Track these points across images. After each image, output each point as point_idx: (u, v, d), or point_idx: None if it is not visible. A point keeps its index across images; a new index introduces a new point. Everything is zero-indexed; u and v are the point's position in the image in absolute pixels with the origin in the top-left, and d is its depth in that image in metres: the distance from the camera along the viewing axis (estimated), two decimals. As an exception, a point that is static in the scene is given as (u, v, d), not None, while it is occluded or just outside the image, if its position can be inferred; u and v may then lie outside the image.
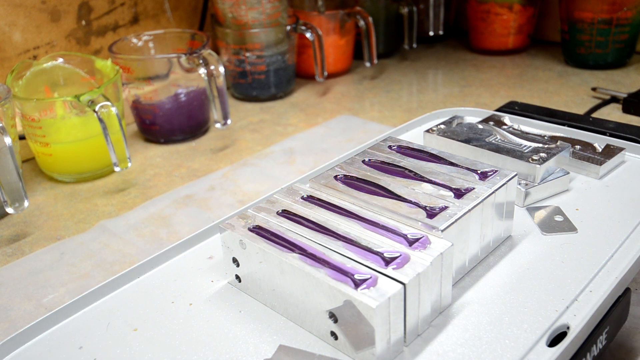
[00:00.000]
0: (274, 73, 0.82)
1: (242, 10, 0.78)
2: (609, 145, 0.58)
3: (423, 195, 0.43)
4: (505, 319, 0.40)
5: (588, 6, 0.85)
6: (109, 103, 0.58)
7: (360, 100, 0.83)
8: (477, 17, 0.98)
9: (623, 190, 0.53)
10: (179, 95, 0.71)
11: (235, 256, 0.43)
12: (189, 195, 0.60)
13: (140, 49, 0.75)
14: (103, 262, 0.50)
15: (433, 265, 0.37)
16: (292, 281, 0.39)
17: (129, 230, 0.55)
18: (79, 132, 0.63)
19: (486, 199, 0.43)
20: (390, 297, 0.34)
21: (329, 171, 0.48)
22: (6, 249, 0.53)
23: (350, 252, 0.38)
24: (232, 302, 0.43)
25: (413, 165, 0.47)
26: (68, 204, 0.60)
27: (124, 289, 0.45)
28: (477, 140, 0.54)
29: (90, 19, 0.81)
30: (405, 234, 0.40)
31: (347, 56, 0.92)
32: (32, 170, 0.67)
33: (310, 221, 0.42)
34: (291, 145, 0.69)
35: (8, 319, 0.44)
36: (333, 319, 0.37)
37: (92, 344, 0.40)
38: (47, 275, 0.49)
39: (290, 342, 0.39)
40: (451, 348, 0.38)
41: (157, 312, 0.43)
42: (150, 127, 0.72)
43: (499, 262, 0.45)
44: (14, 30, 0.74)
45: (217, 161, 0.67)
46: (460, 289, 0.43)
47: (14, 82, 0.63)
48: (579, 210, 0.50)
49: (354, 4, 0.90)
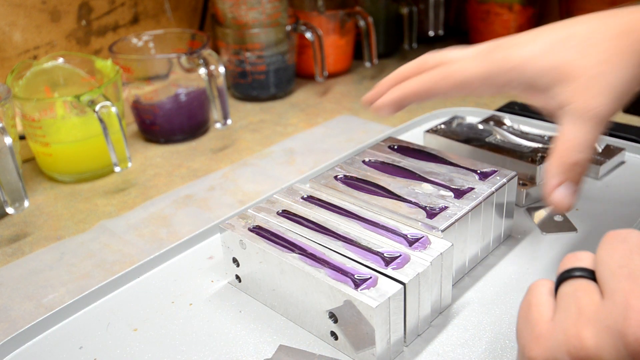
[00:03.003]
0: (274, 73, 0.82)
1: (242, 10, 0.78)
2: (609, 145, 0.58)
3: (423, 195, 0.43)
4: (505, 319, 0.40)
5: (588, 6, 0.85)
6: (109, 103, 0.58)
7: (360, 100, 0.83)
8: (477, 17, 0.98)
9: (623, 190, 0.53)
10: (179, 95, 0.71)
11: (235, 256, 0.43)
12: (189, 195, 0.60)
13: (140, 49, 0.75)
14: (103, 262, 0.50)
15: (433, 265, 0.37)
16: (292, 281, 0.39)
17: (129, 230, 0.55)
18: (79, 132, 0.63)
19: (486, 199, 0.43)
20: (390, 297, 0.34)
21: (329, 171, 0.48)
22: (6, 249, 0.53)
23: (350, 252, 0.38)
24: (232, 302, 0.43)
25: (413, 165, 0.47)
26: (68, 204, 0.60)
27: (124, 289, 0.45)
28: (477, 140, 0.54)
29: (90, 19, 0.81)
30: (405, 234, 0.40)
31: (347, 56, 0.92)
32: (32, 170, 0.67)
33: (310, 221, 0.42)
34: (291, 145, 0.69)
35: (8, 319, 0.44)
36: (333, 319, 0.37)
37: (92, 344, 0.40)
38: (47, 275, 0.49)
39: (290, 342, 0.39)
40: (451, 348, 0.38)
41: (157, 312, 0.43)
42: (150, 127, 0.72)
43: (499, 262, 0.45)
44: (14, 30, 0.74)
45: (217, 161, 0.67)
46: (460, 289, 0.43)
47: (14, 82, 0.63)
48: (579, 210, 0.50)
49: (354, 4, 0.90)
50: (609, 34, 0.38)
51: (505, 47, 0.41)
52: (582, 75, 0.37)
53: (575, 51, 0.38)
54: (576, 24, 0.40)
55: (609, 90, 0.37)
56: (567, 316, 0.26)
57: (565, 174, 0.38)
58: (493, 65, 0.41)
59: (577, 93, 0.37)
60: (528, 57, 0.39)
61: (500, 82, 0.41)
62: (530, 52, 0.40)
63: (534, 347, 0.26)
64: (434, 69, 0.44)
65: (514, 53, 0.40)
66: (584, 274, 0.27)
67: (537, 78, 0.39)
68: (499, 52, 0.41)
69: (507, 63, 0.40)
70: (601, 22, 0.39)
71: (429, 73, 0.44)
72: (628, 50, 0.37)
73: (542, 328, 0.27)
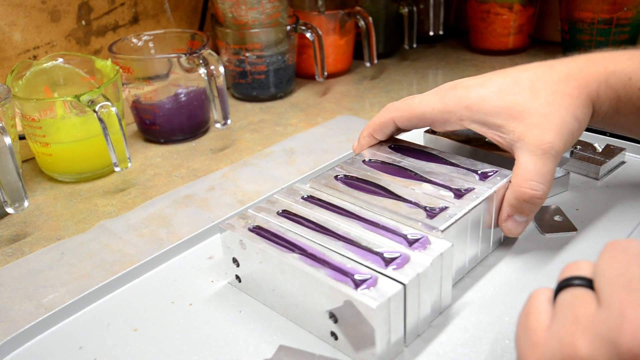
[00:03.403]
0: (274, 73, 0.82)
1: (242, 10, 0.78)
2: (609, 145, 0.58)
3: (423, 196, 0.43)
4: (505, 319, 0.40)
5: (588, 6, 0.85)
6: (109, 103, 0.58)
7: (360, 100, 0.83)
8: (477, 17, 0.98)
9: (623, 190, 0.53)
10: (179, 95, 0.71)
11: (235, 256, 0.43)
12: (189, 195, 0.60)
13: (140, 49, 0.75)
14: (103, 262, 0.50)
15: (433, 265, 0.37)
16: (292, 281, 0.39)
17: (129, 230, 0.55)
18: (79, 132, 0.63)
19: (486, 199, 0.43)
20: (390, 298, 0.34)
21: (329, 171, 0.48)
22: (6, 249, 0.53)
23: (350, 252, 0.38)
24: (232, 302, 0.43)
25: (413, 166, 0.47)
26: (68, 204, 0.60)
27: (124, 289, 0.45)
28: (477, 140, 0.54)
29: (90, 19, 0.81)
30: (405, 234, 0.40)
31: (347, 56, 0.92)
32: (32, 170, 0.67)
33: (310, 221, 0.42)
34: (291, 145, 0.69)
35: (8, 319, 0.44)
36: (333, 319, 0.37)
37: (92, 344, 0.40)
38: (47, 275, 0.49)
39: (290, 342, 0.39)
40: (451, 348, 0.38)
41: (157, 312, 0.43)
42: (150, 127, 0.72)
43: (499, 262, 0.45)
44: (14, 30, 0.74)
45: (217, 161, 0.67)
46: (460, 289, 0.43)
47: (14, 82, 0.63)
48: (579, 210, 0.50)
49: (354, 4, 0.90)
50: (554, 79, 0.43)
51: (461, 87, 0.45)
52: (533, 114, 0.42)
53: (525, 94, 0.43)
54: (524, 71, 0.44)
55: (559, 128, 0.41)
56: (563, 324, 0.26)
57: (518, 208, 0.43)
58: (450, 102, 0.45)
59: (529, 129, 0.41)
60: (483, 97, 0.44)
61: (456, 118, 0.45)
62: (485, 93, 0.44)
63: (531, 354, 0.27)
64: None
65: (470, 93, 0.44)
66: (583, 282, 0.27)
67: (491, 116, 0.43)
68: (456, 91, 0.45)
69: (464, 101, 0.44)
70: (546, 69, 0.44)
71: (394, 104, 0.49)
72: (572, 94, 0.42)
73: (539, 336, 0.27)
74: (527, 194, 0.41)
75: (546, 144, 0.41)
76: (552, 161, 0.41)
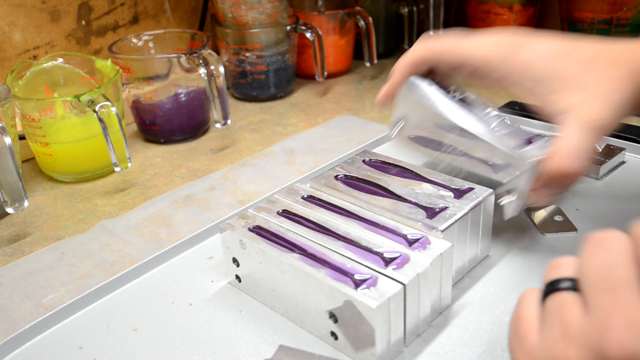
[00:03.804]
0: (274, 73, 0.82)
1: (242, 10, 0.78)
2: (609, 145, 0.58)
3: (423, 196, 0.43)
4: (505, 319, 0.40)
5: (588, 6, 0.85)
6: (109, 103, 0.58)
7: (360, 100, 0.83)
8: (477, 17, 0.98)
9: (623, 190, 0.53)
10: (179, 95, 0.71)
11: (235, 256, 0.43)
12: (189, 195, 0.60)
13: (140, 49, 0.75)
14: (103, 262, 0.50)
15: (433, 265, 0.37)
16: (292, 281, 0.39)
17: (129, 230, 0.55)
18: (79, 132, 0.63)
19: (486, 199, 0.43)
20: (390, 298, 0.34)
21: (330, 171, 0.48)
22: (6, 249, 0.53)
23: (350, 252, 0.38)
24: (232, 302, 0.43)
25: (413, 165, 0.47)
26: (68, 204, 0.60)
27: (124, 289, 0.45)
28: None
29: (90, 19, 0.81)
30: (405, 234, 0.40)
31: (347, 56, 0.92)
32: (32, 170, 0.67)
33: (310, 221, 0.42)
34: (291, 145, 0.69)
35: (8, 319, 0.44)
36: (333, 319, 0.37)
37: (92, 344, 0.40)
38: (47, 275, 0.49)
39: (290, 342, 0.39)
40: (451, 348, 0.38)
41: (157, 312, 0.43)
42: (150, 127, 0.72)
43: (498, 262, 0.45)
44: (14, 30, 0.74)
45: (217, 161, 0.67)
46: (460, 289, 0.43)
47: (14, 82, 0.63)
48: (579, 210, 0.50)
49: (354, 4, 0.90)
50: (608, 60, 0.41)
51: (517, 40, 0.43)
52: (587, 89, 0.40)
53: (581, 67, 0.40)
54: (580, 42, 0.42)
55: (612, 107, 0.39)
56: (552, 333, 0.26)
57: (554, 180, 0.40)
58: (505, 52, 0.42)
59: (582, 103, 0.39)
60: (537, 58, 0.41)
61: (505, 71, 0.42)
62: (540, 54, 0.41)
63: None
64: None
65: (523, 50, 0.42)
66: (568, 285, 0.27)
67: (542, 80, 0.41)
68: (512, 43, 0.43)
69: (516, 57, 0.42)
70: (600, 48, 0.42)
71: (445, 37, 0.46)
72: (623, 79, 0.40)
73: (530, 342, 0.27)
74: (563, 168, 0.39)
75: (598, 120, 0.39)
76: (597, 139, 0.39)
